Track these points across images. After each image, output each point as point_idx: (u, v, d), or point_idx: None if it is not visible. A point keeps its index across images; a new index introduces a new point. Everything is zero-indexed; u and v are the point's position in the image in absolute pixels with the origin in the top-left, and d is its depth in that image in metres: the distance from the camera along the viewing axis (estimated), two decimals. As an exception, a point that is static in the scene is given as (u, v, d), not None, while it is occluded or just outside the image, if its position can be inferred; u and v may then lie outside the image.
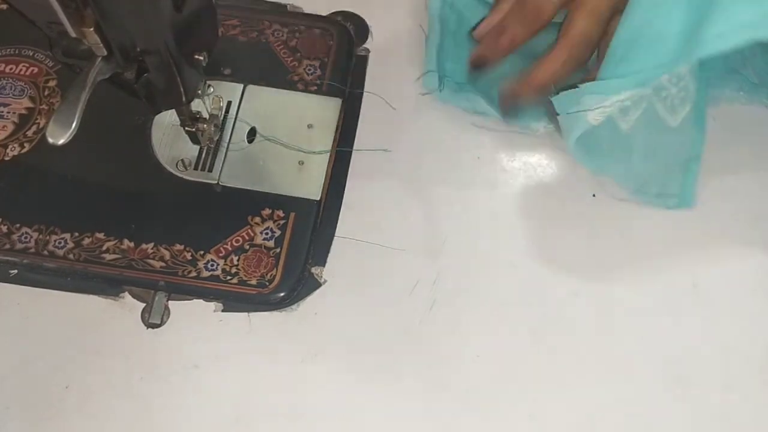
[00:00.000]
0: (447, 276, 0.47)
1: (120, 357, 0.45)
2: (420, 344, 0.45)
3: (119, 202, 0.48)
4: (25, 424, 0.43)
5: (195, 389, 0.44)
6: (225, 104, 0.50)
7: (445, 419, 0.44)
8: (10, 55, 0.51)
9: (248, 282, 0.46)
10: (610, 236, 0.48)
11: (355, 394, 0.44)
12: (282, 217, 0.48)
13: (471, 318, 0.46)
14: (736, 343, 0.45)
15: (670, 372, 0.45)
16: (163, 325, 0.45)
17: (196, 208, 0.48)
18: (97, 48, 0.33)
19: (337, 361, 0.45)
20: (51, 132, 0.33)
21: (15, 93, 0.50)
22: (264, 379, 0.44)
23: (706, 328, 0.46)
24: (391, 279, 0.46)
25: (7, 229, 0.47)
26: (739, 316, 0.46)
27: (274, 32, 0.53)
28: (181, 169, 0.48)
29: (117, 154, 0.49)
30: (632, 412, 0.44)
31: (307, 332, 0.45)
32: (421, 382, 0.44)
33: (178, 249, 0.46)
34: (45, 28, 0.34)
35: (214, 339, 0.45)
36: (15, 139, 0.49)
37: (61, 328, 0.45)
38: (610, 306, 0.46)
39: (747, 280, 0.47)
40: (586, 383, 0.44)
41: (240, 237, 0.47)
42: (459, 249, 0.47)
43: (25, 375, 0.44)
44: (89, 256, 0.46)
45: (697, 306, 0.46)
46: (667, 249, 0.48)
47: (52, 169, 0.49)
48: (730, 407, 0.44)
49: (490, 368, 0.45)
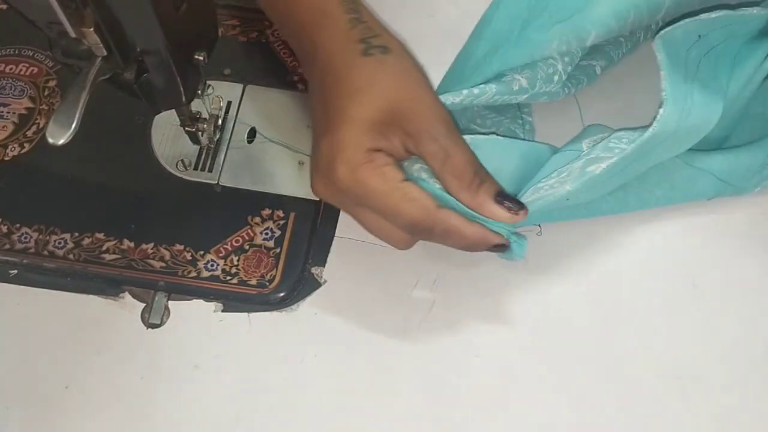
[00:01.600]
0: (447, 276, 0.47)
1: (120, 357, 0.45)
2: (420, 344, 0.45)
3: (119, 202, 0.48)
4: (25, 424, 0.43)
5: (195, 389, 0.44)
6: (225, 104, 0.50)
7: (445, 419, 0.44)
8: (10, 55, 0.51)
9: (248, 282, 0.46)
10: (610, 236, 0.48)
11: (355, 394, 0.44)
12: (282, 217, 0.48)
13: (471, 318, 0.46)
14: (736, 343, 0.45)
15: (670, 372, 0.45)
16: (163, 325, 0.45)
17: (196, 208, 0.48)
18: (97, 48, 0.33)
19: (337, 361, 0.45)
20: (51, 132, 0.33)
21: (15, 93, 0.50)
22: (264, 379, 0.44)
23: (706, 328, 0.46)
24: (391, 279, 0.46)
25: (7, 229, 0.47)
26: (739, 316, 0.46)
27: (274, 32, 0.53)
28: (181, 169, 0.48)
29: (117, 154, 0.49)
30: (632, 412, 0.44)
31: (307, 332, 0.45)
32: (420, 382, 0.44)
33: (178, 249, 0.47)
34: (45, 28, 0.34)
35: (214, 339, 0.45)
36: (15, 139, 0.49)
37: (61, 328, 0.45)
38: (611, 306, 0.46)
39: (747, 280, 0.47)
40: (586, 383, 0.44)
41: (240, 237, 0.47)
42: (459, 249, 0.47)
43: (25, 375, 0.44)
44: (89, 256, 0.46)
45: (697, 306, 0.46)
46: (667, 249, 0.48)
47: (52, 169, 0.49)
48: (730, 407, 0.44)
49: (490, 368, 0.45)
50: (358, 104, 0.39)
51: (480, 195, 0.38)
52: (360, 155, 0.38)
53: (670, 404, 0.44)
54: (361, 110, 0.39)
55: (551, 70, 0.44)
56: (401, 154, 0.40)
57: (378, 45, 0.40)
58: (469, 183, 0.38)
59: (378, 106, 0.39)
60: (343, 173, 0.38)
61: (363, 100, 0.39)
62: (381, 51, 0.40)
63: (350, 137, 0.38)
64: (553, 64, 0.44)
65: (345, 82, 0.40)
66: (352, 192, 0.39)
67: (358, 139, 0.38)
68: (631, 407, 0.44)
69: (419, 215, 0.38)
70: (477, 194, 0.38)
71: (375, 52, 0.40)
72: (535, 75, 0.44)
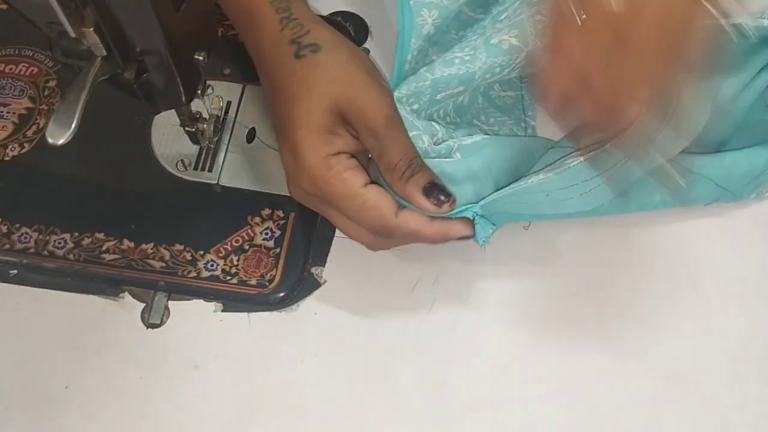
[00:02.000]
0: (447, 276, 0.47)
1: (120, 357, 0.45)
2: (420, 344, 0.45)
3: (119, 202, 0.48)
4: (25, 424, 0.43)
5: (195, 389, 0.44)
6: (225, 104, 0.50)
7: (445, 419, 0.44)
8: (10, 55, 0.51)
9: (248, 282, 0.46)
10: (610, 236, 0.48)
11: (355, 394, 0.44)
12: (282, 217, 0.48)
13: (471, 318, 0.46)
14: (736, 343, 0.45)
15: (670, 372, 0.45)
16: (163, 325, 0.45)
17: (196, 208, 0.48)
18: (96, 48, 0.33)
19: (337, 361, 0.45)
20: (51, 132, 0.33)
21: (15, 93, 0.50)
22: (264, 379, 0.44)
23: (706, 328, 0.46)
24: (391, 279, 0.46)
25: (7, 229, 0.47)
26: (739, 316, 0.46)
27: (274, 32, 0.53)
28: (181, 169, 0.48)
29: (117, 154, 0.49)
30: (632, 412, 0.44)
31: (307, 332, 0.45)
32: (420, 381, 0.44)
33: (178, 249, 0.46)
34: (45, 28, 0.34)
35: (214, 339, 0.45)
36: (15, 139, 0.49)
37: (61, 328, 0.45)
38: (610, 306, 0.46)
39: (747, 280, 0.47)
40: (586, 383, 0.44)
41: (240, 237, 0.47)
42: (459, 249, 0.47)
43: (25, 375, 0.44)
44: (89, 256, 0.46)
45: (697, 306, 0.46)
46: (667, 249, 0.48)
47: (52, 169, 0.49)
48: (730, 407, 0.44)
49: (490, 368, 0.45)
50: (304, 111, 0.39)
51: (408, 187, 0.39)
52: (319, 163, 0.39)
53: (670, 404, 0.44)
54: (308, 117, 0.39)
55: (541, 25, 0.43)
56: (358, 146, 0.40)
57: (308, 44, 0.40)
58: (399, 176, 0.39)
59: (322, 109, 0.39)
60: (305, 180, 0.39)
61: (306, 106, 0.39)
62: (312, 50, 0.40)
63: (306, 147, 0.39)
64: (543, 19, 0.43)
65: (284, 90, 0.40)
66: (318, 197, 0.40)
67: (314, 147, 0.39)
68: (632, 407, 0.44)
69: (378, 222, 0.39)
70: (405, 187, 0.39)
71: (306, 52, 0.40)
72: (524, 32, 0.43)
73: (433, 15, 0.44)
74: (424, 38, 0.44)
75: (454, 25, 0.47)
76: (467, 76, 0.43)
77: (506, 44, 0.43)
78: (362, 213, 0.39)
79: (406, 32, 0.44)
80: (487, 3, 0.48)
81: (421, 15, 0.44)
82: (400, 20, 0.44)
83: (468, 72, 0.43)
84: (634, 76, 0.34)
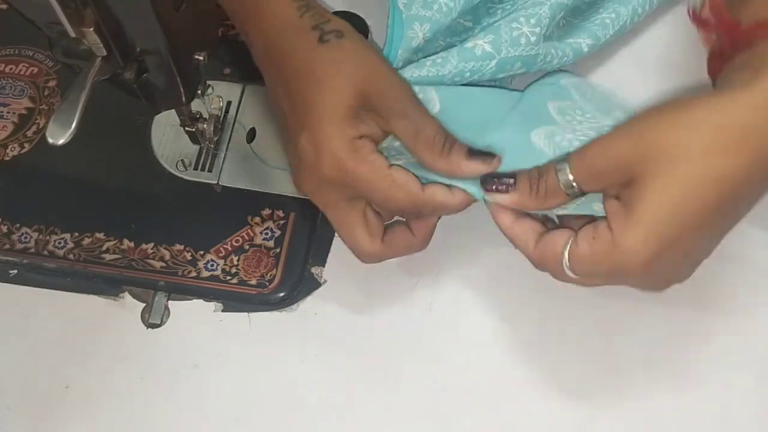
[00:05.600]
0: (447, 276, 0.47)
1: (120, 357, 0.45)
2: (420, 344, 0.45)
3: (119, 202, 0.48)
4: (25, 424, 0.43)
5: (195, 389, 0.44)
6: (225, 104, 0.50)
7: (445, 419, 0.44)
8: (10, 55, 0.51)
9: (248, 282, 0.46)
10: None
11: (355, 394, 0.44)
12: (282, 217, 0.48)
13: (471, 318, 0.46)
14: (736, 343, 0.45)
15: (670, 372, 0.45)
16: (163, 325, 0.45)
17: (196, 208, 0.48)
18: (96, 48, 0.33)
19: (337, 361, 0.45)
20: (51, 132, 0.33)
21: (15, 93, 0.50)
22: (264, 379, 0.44)
23: (706, 328, 0.46)
24: (391, 279, 0.46)
25: (7, 229, 0.47)
26: (739, 316, 0.46)
27: (274, 32, 0.53)
28: (181, 169, 0.48)
29: (117, 154, 0.49)
30: (632, 412, 0.44)
31: (307, 332, 0.45)
32: (421, 382, 0.44)
33: (178, 249, 0.47)
34: (45, 28, 0.34)
35: (214, 339, 0.45)
36: (15, 139, 0.49)
37: (61, 328, 0.45)
38: (610, 306, 0.46)
39: (747, 280, 0.47)
40: (586, 383, 0.44)
41: (240, 237, 0.47)
42: (459, 249, 0.47)
43: (25, 375, 0.44)
44: (89, 256, 0.46)
45: (696, 306, 0.46)
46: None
47: (52, 169, 0.49)
48: (730, 407, 0.44)
49: (490, 368, 0.45)
50: (329, 94, 0.39)
51: (453, 159, 0.39)
52: (345, 146, 0.38)
53: (669, 404, 0.44)
54: (334, 99, 0.38)
55: (516, 33, 0.43)
56: (379, 135, 0.40)
57: (332, 30, 0.40)
58: (440, 151, 0.39)
59: (349, 92, 0.39)
60: (329, 166, 0.38)
61: (332, 88, 0.39)
62: (336, 36, 0.40)
63: (332, 129, 0.38)
64: (518, 27, 0.43)
65: (308, 73, 0.39)
66: (341, 183, 0.39)
67: (339, 130, 0.38)
68: (632, 407, 0.44)
69: (408, 199, 0.39)
70: (450, 159, 0.39)
71: (330, 37, 0.40)
72: (498, 39, 0.43)
73: (424, 29, 0.44)
74: (412, 51, 0.44)
75: (442, 33, 0.47)
76: (437, 79, 0.43)
77: (479, 49, 0.43)
78: (392, 191, 0.39)
79: (394, 42, 0.44)
80: (477, 12, 0.48)
81: (413, 28, 0.44)
82: (389, 31, 0.44)
83: (438, 75, 0.43)
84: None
